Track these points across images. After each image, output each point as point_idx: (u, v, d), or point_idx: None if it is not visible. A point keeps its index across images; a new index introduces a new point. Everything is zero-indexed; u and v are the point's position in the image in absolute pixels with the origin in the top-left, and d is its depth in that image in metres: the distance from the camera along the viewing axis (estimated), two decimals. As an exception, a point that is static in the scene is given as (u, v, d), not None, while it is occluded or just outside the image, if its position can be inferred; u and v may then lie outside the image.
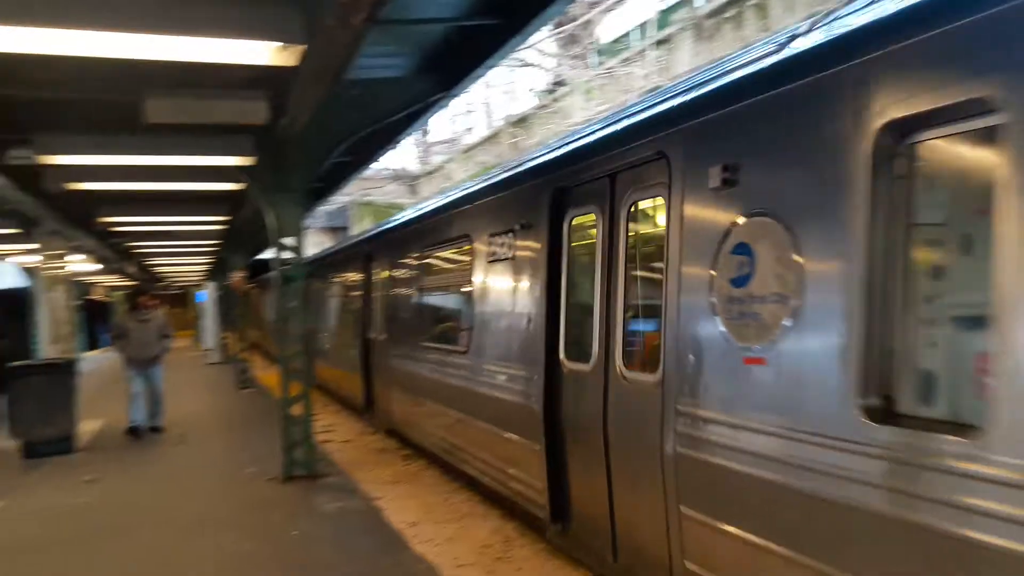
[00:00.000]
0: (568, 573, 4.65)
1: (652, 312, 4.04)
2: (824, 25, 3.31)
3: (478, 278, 6.34)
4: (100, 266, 18.01)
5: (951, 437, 2.40)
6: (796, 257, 3.02)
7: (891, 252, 2.70)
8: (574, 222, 4.98)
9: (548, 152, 5.73)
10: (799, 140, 3.10)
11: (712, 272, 3.48)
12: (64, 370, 9.62)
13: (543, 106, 19.17)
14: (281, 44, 4.27)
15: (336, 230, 32.87)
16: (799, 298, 3.00)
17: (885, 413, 2.66)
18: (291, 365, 7.76)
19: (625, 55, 15.76)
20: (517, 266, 5.60)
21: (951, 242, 2.64)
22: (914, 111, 2.57)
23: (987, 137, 2.39)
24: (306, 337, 7.89)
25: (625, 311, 4.34)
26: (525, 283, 5.43)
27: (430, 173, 26.01)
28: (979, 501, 2.28)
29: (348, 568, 4.99)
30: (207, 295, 26.04)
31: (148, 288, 10.63)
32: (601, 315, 4.50)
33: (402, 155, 25.91)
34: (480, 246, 6.32)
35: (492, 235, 6.08)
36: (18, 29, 3.93)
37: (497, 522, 5.73)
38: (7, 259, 18.95)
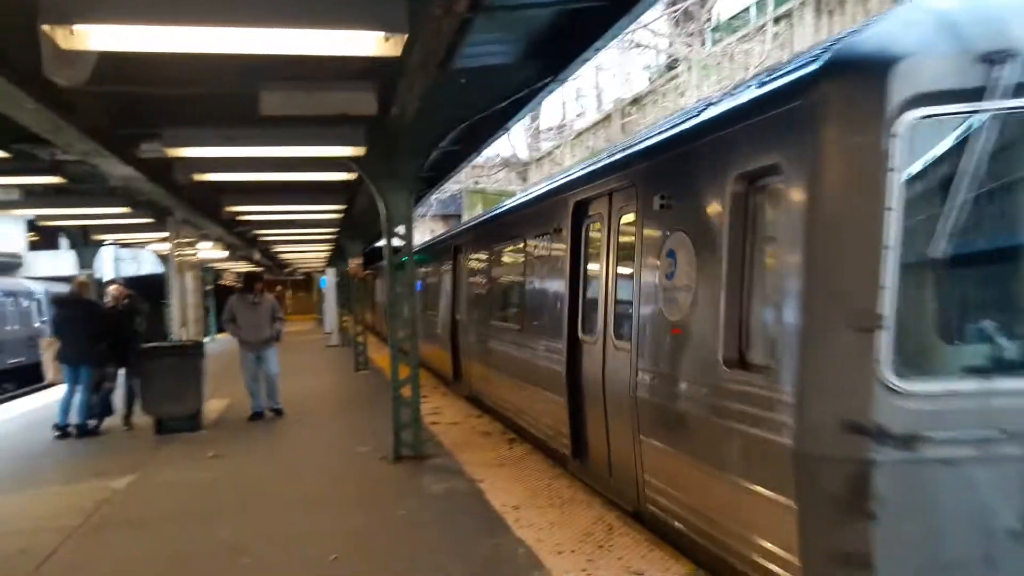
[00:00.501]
0: (669, 564, 4.55)
1: (630, 297, 5.46)
2: (717, 102, 4.91)
3: (528, 270, 8.24)
4: (227, 253, 19.03)
5: (759, 375, 3.81)
6: (695, 260, 4.50)
7: (741, 257, 4.11)
8: (589, 227, 6.60)
9: (571, 174, 7.47)
10: (695, 181, 4.59)
11: (657, 269, 4.96)
12: (192, 352, 10.23)
13: (656, 88, 18.76)
14: (385, 34, 4.32)
15: (448, 217, 33.47)
16: (695, 287, 4.47)
17: (735, 362, 4.08)
18: (401, 348, 7.97)
19: (743, 32, 15.19)
20: (552, 262, 7.36)
21: (774, 250, 3.89)
22: (751, 167, 3.99)
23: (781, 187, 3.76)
24: (415, 321, 8.07)
25: (616, 297, 5.85)
26: (557, 276, 7.11)
27: (539, 160, 25.99)
28: (769, 413, 3.66)
29: (451, 549, 5.09)
30: (327, 280, 27.18)
31: (261, 274, 10.84)
32: (603, 300, 6.01)
33: (512, 142, 26.06)
34: (529, 245, 8.26)
35: (536, 236, 7.99)
36: (146, 28, 4.17)
37: (600, 510, 5.69)
38: (146, 247, 20.40)
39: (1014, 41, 3.22)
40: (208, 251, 17.05)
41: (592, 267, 6.46)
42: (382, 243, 9.16)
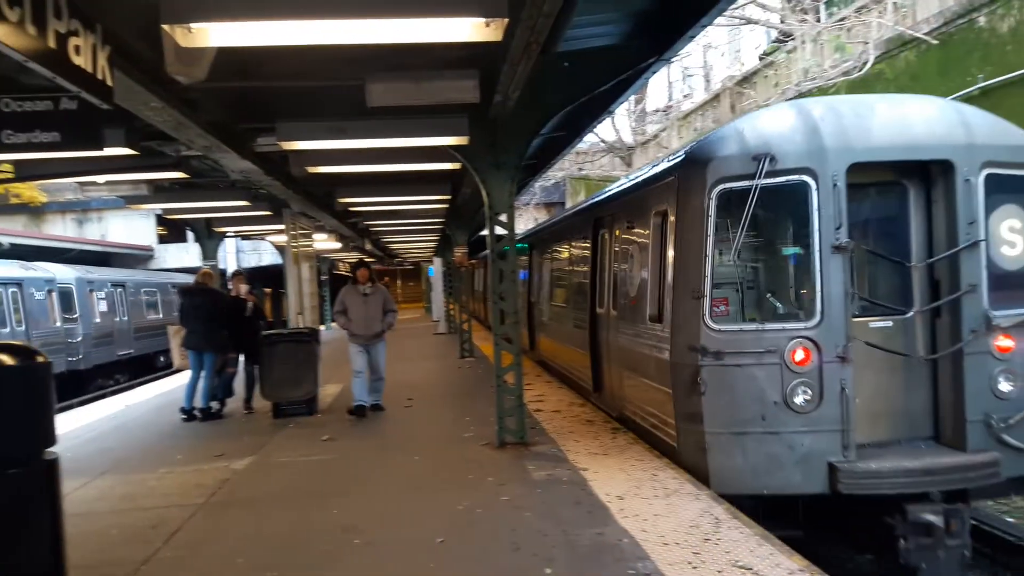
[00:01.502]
0: (779, 559, 4.37)
1: (617, 282, 8.63)
2: (644, 171, 8.58)
3: (570, 263, 12.01)
4: (340, 244, 19.68)
5: (659, 324, 6.74)
6: (634, 263, 7.76)
7: (656, 259, 6.94)
8: (599, 236, 9.64)
9: (593, 199, 11.29)
10: (637, 215, 7.65)
11: (624, 266, 8.17)
12: (309, 339, 10.60)
13: (768, 64, 18.03)
14: (485, 20, 4.31)
15: (552, 205, 33.47)
16: (639, 275, 7.60)
17: (654, 318, 6.93)
18: (504, 336, 8.01)
19: (861, 2, 14.36)
20: (584, 259, 10.45)
21: (668, 255, 6.71)
22: (658, 209, 6.93)
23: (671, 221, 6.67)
24: (517, 309, 8.09)
25: (611, 281, 8.85)
26: (586, 269, 10.25)
27: (644, 143, 25.52)
28: (663, 344, 6.60)
29: (554, 535, 5.07)
30: (435, 269, 27.72)
31: (367, 263, 10.86)
32: (607, 284, 9.04)
33: (617, 126, 25.67)
34: (573, 245, 11.67)
35: (578, 239, 11.14)
36: (258, 23, 4.33)
37: (707, 502, 5.54)
38: (265, 238, 21.36)
39: (771, 147, 5.87)
40: (323, 242, 17.69)
41: (601, 262, 9.51)
42: (486, 232, 9.24)
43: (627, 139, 26.01)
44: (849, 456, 5.68)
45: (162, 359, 26.69)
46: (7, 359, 2.84)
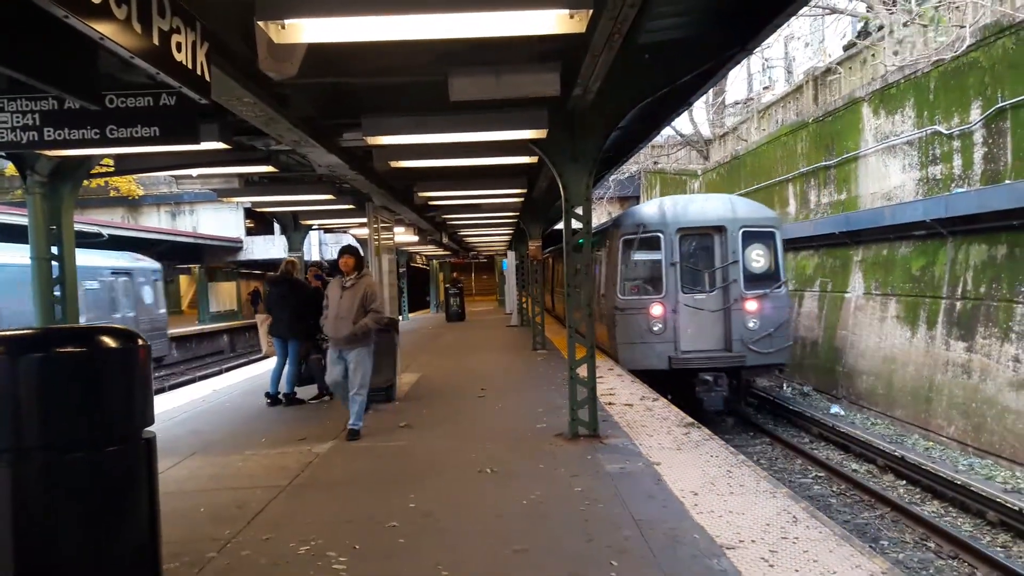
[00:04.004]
0: (859, 560, 4.27)
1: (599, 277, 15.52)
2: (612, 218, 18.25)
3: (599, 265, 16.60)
4: (417, 237, 20.01)
5: (604, 297, 14.57)
6: (601, 270, 15.18)
7: (605, 269, 14.84)
8: (610, 248, 14.65)
9: (618, 218, 16.52)
10: (601, 244, 15.44)
11: (603, 273, 15.02)
12: (388, 328, 10.83)
13: (853, 54, 17.43)
14: (569, 11, 4.34)
15: (626, 199, 33.20)
16: (599, 278, 15.32)
17: (602, 295, 14.77)
18: (577, 329, 8.02)
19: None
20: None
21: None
22: (606, 242, 14.92)
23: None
24: (591, 303, 8.10)
25: (614, 280, 14.42)
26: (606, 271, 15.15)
27: (723, 136, 25.02)
28: (606, 305, 14.48)
29: (627, 528, 5.08)
30: (508, 263, 27.89)
31: (353, 248, 8.77)
32: (614, 281, 14.22)
33: (694, 118, 25.23)
34: (601, 251, 15.66)
35: (603, 247, 15.33)
36: (347, 19, 4.47)
37: (784, 501, 5.44)
38: (347, 231, 21.89)
39: (644, 221, 13.88)
40: (402, 235, 18.03)
41: (613, 267, 14.31)
42: (560, 225, 9.24)
43: (705, 132, 25.55)
44: (678, 354, 13.32)
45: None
46: (111, 342, 2.95)
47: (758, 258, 13.54)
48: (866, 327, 15.36)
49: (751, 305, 13.24)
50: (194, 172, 10.20)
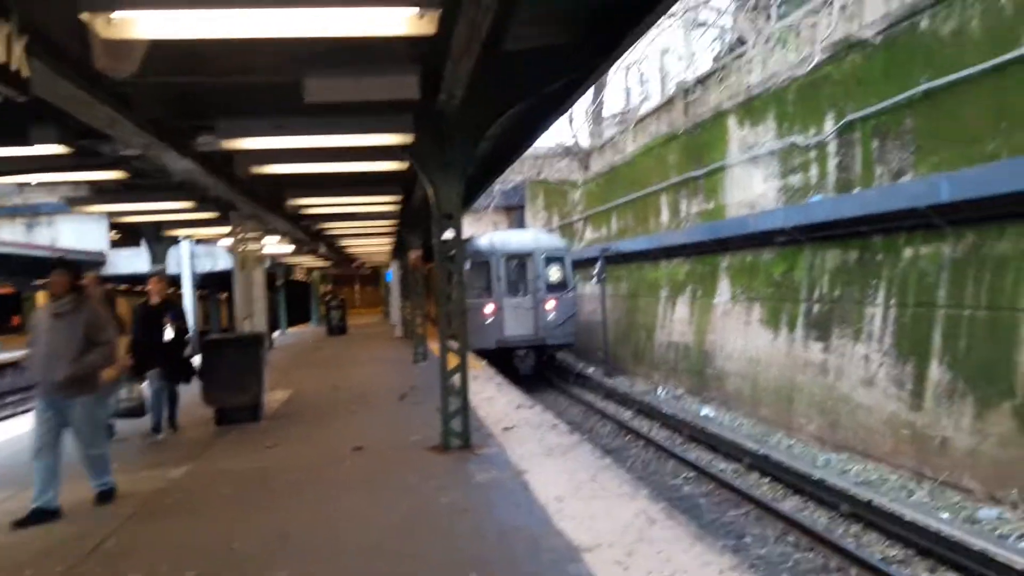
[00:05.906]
0: (709, 558, 4.37)
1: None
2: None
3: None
4: (293, 248, 19.41)
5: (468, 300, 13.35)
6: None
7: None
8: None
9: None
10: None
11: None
12: (253, 344, 10.35)
13: (720, 68, 18.26)
14: (419, 10, 4.25)
15: (512, 209, 33.46)
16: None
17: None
18: (450, 338, 7.92)
19: (810, 5, 14.60)
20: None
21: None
22: (469, 259, 18.94)
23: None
24: (463, 312, 8.02)
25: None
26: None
27: (601, 147, 25.67)
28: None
29: (491, 537, 5.03)
30: (392, 273, 27.52)
31: (66, 262, 6.69)
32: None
33: (575, 130, 25.79)
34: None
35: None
36: (184, 13, 4.22)
37: (643, 503, 5.53)
38: (218, 242, 20.95)
39: (479, 249, 20.28)
40: (274, 246, 17.42)
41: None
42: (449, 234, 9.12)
43: (584, 143, 26.14)
44: (502, 336, 19.61)
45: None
46: None
47: (555, 273, 20.35)
48: (733, 331, 16.03)
49: (549, 304, 19.91)
50: (32, 179, 9.41)
